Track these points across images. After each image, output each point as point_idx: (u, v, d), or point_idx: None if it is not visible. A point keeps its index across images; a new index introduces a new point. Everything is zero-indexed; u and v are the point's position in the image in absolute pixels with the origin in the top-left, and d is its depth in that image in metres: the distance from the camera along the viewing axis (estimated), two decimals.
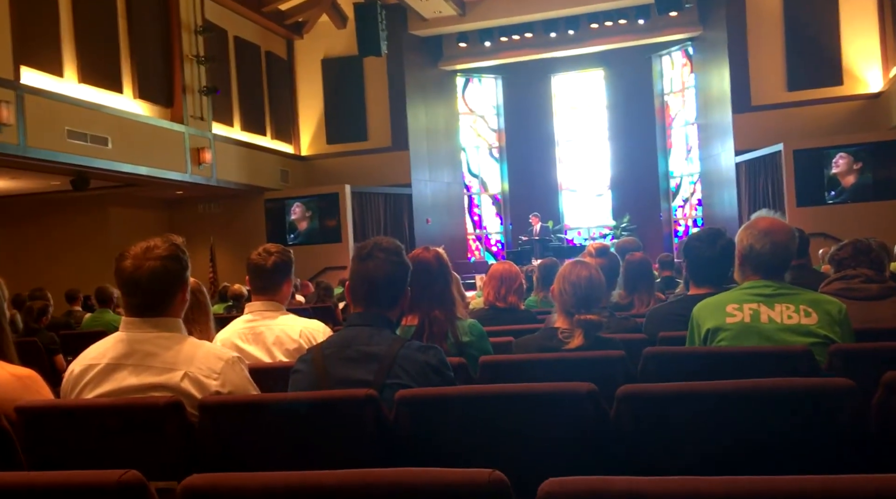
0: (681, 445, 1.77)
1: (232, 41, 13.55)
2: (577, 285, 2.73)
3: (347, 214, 13.91)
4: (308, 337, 2.87)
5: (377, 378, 2.04)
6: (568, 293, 2.73)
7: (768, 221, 2.60)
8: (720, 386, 1.76)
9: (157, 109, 11.38)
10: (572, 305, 2.71)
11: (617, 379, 2.21)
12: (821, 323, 2.42)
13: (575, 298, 2.72)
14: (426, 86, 15.93)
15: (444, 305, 2.80)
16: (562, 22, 14.83)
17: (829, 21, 12.67)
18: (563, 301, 2.75)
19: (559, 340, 2.68)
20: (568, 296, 2.73)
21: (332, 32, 15.00)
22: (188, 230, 12.93)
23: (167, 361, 2.03)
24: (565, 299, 2.74)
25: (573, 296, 2.72)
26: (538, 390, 1.85)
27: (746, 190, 13.07)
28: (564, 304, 2.75)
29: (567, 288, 2.74)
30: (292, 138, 15.31)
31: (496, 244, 18.02)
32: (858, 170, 11.72)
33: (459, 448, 1.88)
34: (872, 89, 12.49)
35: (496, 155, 18.06)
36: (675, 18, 13.97)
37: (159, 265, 2.04)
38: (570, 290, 2.73)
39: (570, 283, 2.74)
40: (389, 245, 2.22)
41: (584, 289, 2.73)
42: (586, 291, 2.73)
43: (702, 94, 15.34)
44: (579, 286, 2.73)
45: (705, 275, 3.09)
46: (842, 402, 1.66)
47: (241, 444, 1.97)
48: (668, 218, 16.83)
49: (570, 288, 2.73)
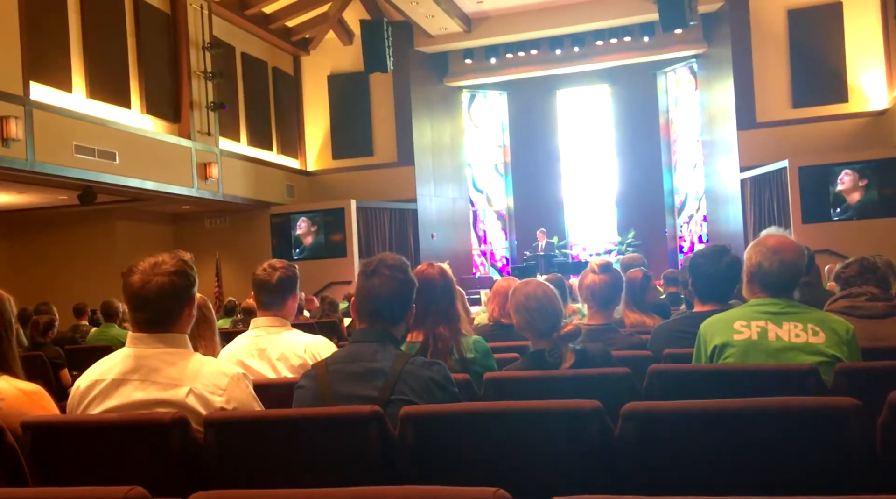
0: (686, 463, 1.77)
1: (239, 57, 13.64)
2: (540, 308, 2.69)
3: (353, 229, 13.93)
4: (313, 353, 2.88)
5: (382, 394, 2.04)
6: (535, 319, 2.68)
7: (777, 238, 2.60)
8: (726, 404, 1.75)
9: (164, 125, 11.45)
10: (544, 326, 2.67)
11: (622, 396, 2.20)
12: (828, 342, 2.42)
13: (543, 320, 2.68)
14: (432, 101, 16.00)
15: (449, 322, 2.80)
16: (567, 39, 14.91)
17: (834, 38, 12.70)
18: (535, 328, 2.70)
19: (549, 362, 2.64)
20: (536, 321, 2.68)
21: (339, 49, 15.11)
22: (194, 245, 12.99)
23: (173, 376, 2.04)
24: (537, 326, 2.69)
25: (541, 318, 2.68)
26: (543, 408, 1.85)
27: (751, 206, 13.05)
28: (537, 330, 2.70)
29: (533, 315, 2.69)
30: (298, 153, 15.38)
31: (501, 260, 18.01)
32: (864, 187, 11.70)
33: (464, 465, 1.87)
34: (877, 106, 12.49)
35: (501, 170, 18.09)
36: (680, 36, 14.02)
37: (167, 281, 2.05)
38: (536, 315, 2.68)
39: (533, 309, 2.69)
40: (395, 262, 2.23)
41: (546, 307, 2.69)
42: (548, 307, 2.69)
43: (706, 111, 15.37)
44: (542, 308, 2.69)
45: (710, 292, 3.08)
46: (847, 422, 1.65)
47: (245, 460, 1.96)
48: (673, 234, 16.81)
49: (535, 314, 2.68)
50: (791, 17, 13.04)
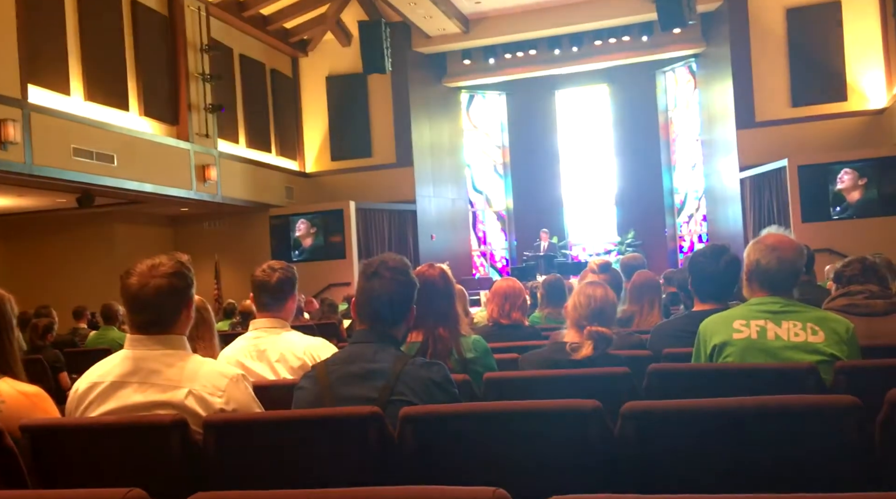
0: (686, 461, 1.76)
1: (237, 59, 13.64)
2: (593, 298, 2.81)
3: (352, 231, 13.94)
4: (312, 355, 2.87)
5: (381, 395, 2.04)
6: (582, 305, 2.81)
7: (776, 237, 2.60)
8: (725, 403, 1.75)
9: (162, 127, 11.45)
10: (585, 317, 2.78)
11: (621, 396, 2.20)
12: (828, 341, 2.41)
13: (589, 311, 2.79)
14: (430, 102, 16.00)
15: (448, 323, 2.80)
16: (566, 39, 14.91)
17: (833, 37, 12.70)
18: (577, 314, 2.81)
19: (567, 353, 2.70)
20: (582, 308, 2.81)
21: (337, 50, 15.11)
22: (193, 247, 12.99)
23: (172, 378, 2.04)
24: (579, 312, 2.81)
25: (588, 308, 2.80)
26: (542, 408, 1.85)
27: (751, 206, 13.05)
28: (578, 317, 2.81)
29: (582, 301, 2.82)
30: (297, 155, 15.38)
31: (501, 260, 18.01)
32: (863, 185, 11.71)
33: (464, 466, 1.87)
34: (877, 105, 12.49)
35: (500, 171, 18.09)
36: (679, 35, 14.02)
37: (165, 283, 2.05)
38: (584, 302, 2.81)
39: (586, 295, 2.83)
40: (396, 263, 2.23)
41: (599, 303, 2.81)
42: (601, 305, 2.81)
43: (706, 110, 15.37)
44: (594, 299, 2.81)
45: (710, 291, 3.09)
46: (847, 420, 1.65)
47: (245, 462, 1.96)
48: (672, 234, 16.81)
49: (584, 300, 2.81)
50: (790, 15, 13.04)
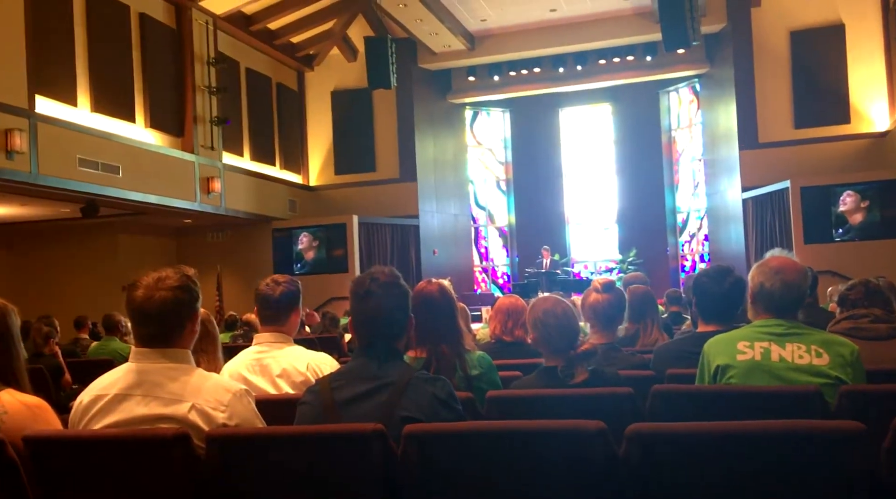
0: (691, 485, 1.76)
1: (244, 73, 13.71)
2: (558, 325, 2.70)
3: (354, 245, 13.94)
4: (315, 370, 2.87)
5: (385, 411, 2.03)
6: (552, 335, 2.70)
7: (780, 259, 2.60)
8: (730, 427, 1.74)
9: (168, 139, 11.49)
10: (561, 343, 2.68)
11: (625, 416, 2.20)
12: (832, 364, 2.41)
13: (560, 337, 2.69)
14: (435, 118, 16.06)
15: (451, 339, 2.80)
16: (570, 57, 14.98)
17: (836, 59, 12.76)
18: (551, 344, 2.71)
19: (560, 378, 2.65)
20: (553, 338, 2.70)
21: (343, 65, 15.19)
22: (196, 258, 13.00)
23: (175, 392, 2.04)
24: (553, 342, 2.70)
25: (558, 335, 2.69)
26: (547, 428, 1.84)
27: (753, 226, 13.06)
28: (553, 346, 2.71)
29: (549, 332, 2.70)
30: (301, 168, 15.42)
31: (502, 277, 18.01)
32: (866, 208, 11.72)
33: (468, 484, 1.86)
34: (879, 128, 12.52)
35: (503, 187, 18.13)
36: (683, 55, 14.08)
37: (170, 296, 2.05)
38: (553, 332, 2.70)
39: (551, 325, 2.70)
40: (386, 278, 2.21)
41: (564, 324, 2.70)
42: (566, 324, 2.71)
43: (709, 131, 15.42)
44: (560, 325, 2.70)
45: (714, 312, 3.08)
46: (853, 446, 1.64)
47: (247, 477, 1.96)
48: (674, 253, 16.81)
49: (552, 331, 2.70)
50: (793, 38, 13.11)
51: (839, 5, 12.79)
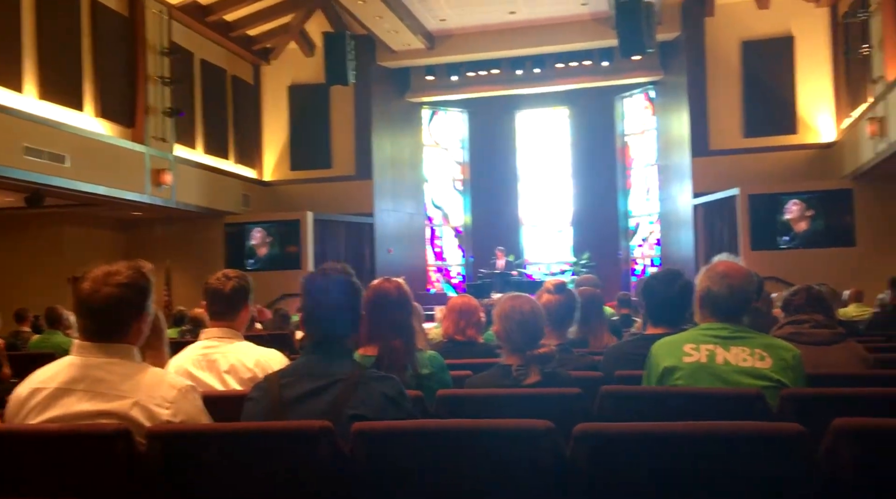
0: (636, 484, 1.78)
1: (198, 64, 13.49)
2: (522, 322, 2.71)
3: (308, 242, 13.83)
4: (263, 366, 2.82)
5: (334, 409, 2.01)
6: (514, 332, 2.71)
7: (726, 264, 2.65)
8: (675, 427, 1.77)
9: (118, 129, 11.23)
10: (521, 342, 2.70)
11: (574, 417, 2.21)
12: (775, 367, 2.46)
13: (522, 335, 2.70)
14: (392, 116, 16.02)
15: (404, 336, 2.78)
16: (528, 60, 15.08)
17: (786, 71, 13.10)
18: (511, 340, 2.72)
19: (514, 378, 2.66)
20: (515, 334, 2.70)
21: (300, 60, 15.05)
22: (145, 252, 12.71)
23: (118, 388, 1.98)
24: (513, 338, 2.71)
25: (520, 333, 2.70)
26: (496, 427, 1.85)
27: (703, 232, 13.32)
28: (513, 343, 2.71)
29: (513, 327, 2.71)
30: (255, 163, 15.23)
31: (457, 276, 18.04)
32: (811, 217, 12.05)
33: (416, 483, 1.86)
34: (825, 139, 12.89)
35: (460, 188, 18.17)
36: (638, 62, 14.29)
37: (116, 292, 2.00)
38: (515, 328, 2.71)
39: (515, 321, 2.71)
40: (338, 274, 2.20)
41: (529, 323, 2.72)
42: (531, 324, 2.72)
43: (662, 137, 15.68)
44: (524, 322, 2.71)
45: (662, 315, 3.13)
46: (794, 447, 1.68)
47: (191, 474, 1.92)
48: (626, 256, 17.05)
49: (515, 326, 2.71)
50: (745, 48, 13.42)
51: (790, 18, 13.13)
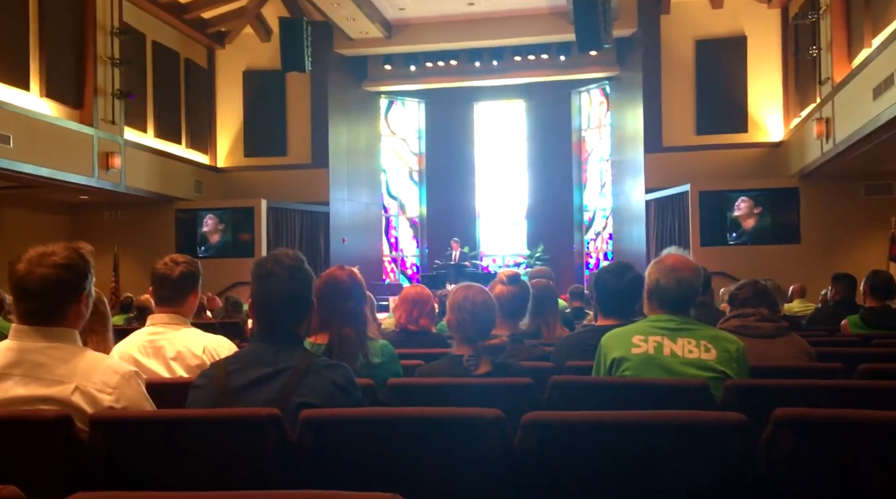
0: (583, 472, 1.80)
1: (150, 46, 13.18)
2: (474, 312, 2.71)
3: (262, 229, 13.66)
4: (211, 353, 2.78)
5: (282, 396, 1.99)
6: (466, 322, 2.71)
7: (675, 258, 2.70)
8: (621, 416, 1.80)
9: (65, 110, 10.92)
10: (473, 332, 2.70)
11: (524, 406, 2.23)
12: (719, 359, 2.52)
13: (474, 325, 2.70)
14: (349, 105, 15.90)
15: (356, 325, 2.77)
16: (486, 52, 15.10)
17: (737, 72, 13.35)
18: (463, 330, 2.72)
19: (465, 367, 2.67)
20: (466, 324, 2.71)
21: (256, 45, 14.82)
22: (92, 237, 12.39)
23: (58, 373, 1.93)
24: (465, 328, 2.71)
25: (472, 323, 2.70)
26: (444, 415, 1.85)
27: (655, 227, 13.53)
28: (464, 333, 2.72)
29: (465, 317, 2.71)
30: (208, 149, 14.97)
31: (411, 267, 18.03)
32: (758, 214, 12.33)
33: (363, 471, 1.85)
34: (774, 138, 13.19)
35: (416, 178, 18.14)
36: (595, 58, 14.42)
37: (52, 273, 1.94)
38: (467, 318, 2.71)
39: (467, 311, 2.71)
40: (290, 261, 2.16)
41: (481, 314, 2.72)
42: (483, 315, 2.73)
43: (617, 132, 15.86)
44: (476, 312, 2.71)
45: (613, 306, 3.18)
46: (734, 436, 1.72)
47: (135, 461, 1.88)
48: (580, 250, 17.24)
49: (467, 316, 2.71)
50: (699, 47, 13.63)
51: (743, 18, 13.37)
